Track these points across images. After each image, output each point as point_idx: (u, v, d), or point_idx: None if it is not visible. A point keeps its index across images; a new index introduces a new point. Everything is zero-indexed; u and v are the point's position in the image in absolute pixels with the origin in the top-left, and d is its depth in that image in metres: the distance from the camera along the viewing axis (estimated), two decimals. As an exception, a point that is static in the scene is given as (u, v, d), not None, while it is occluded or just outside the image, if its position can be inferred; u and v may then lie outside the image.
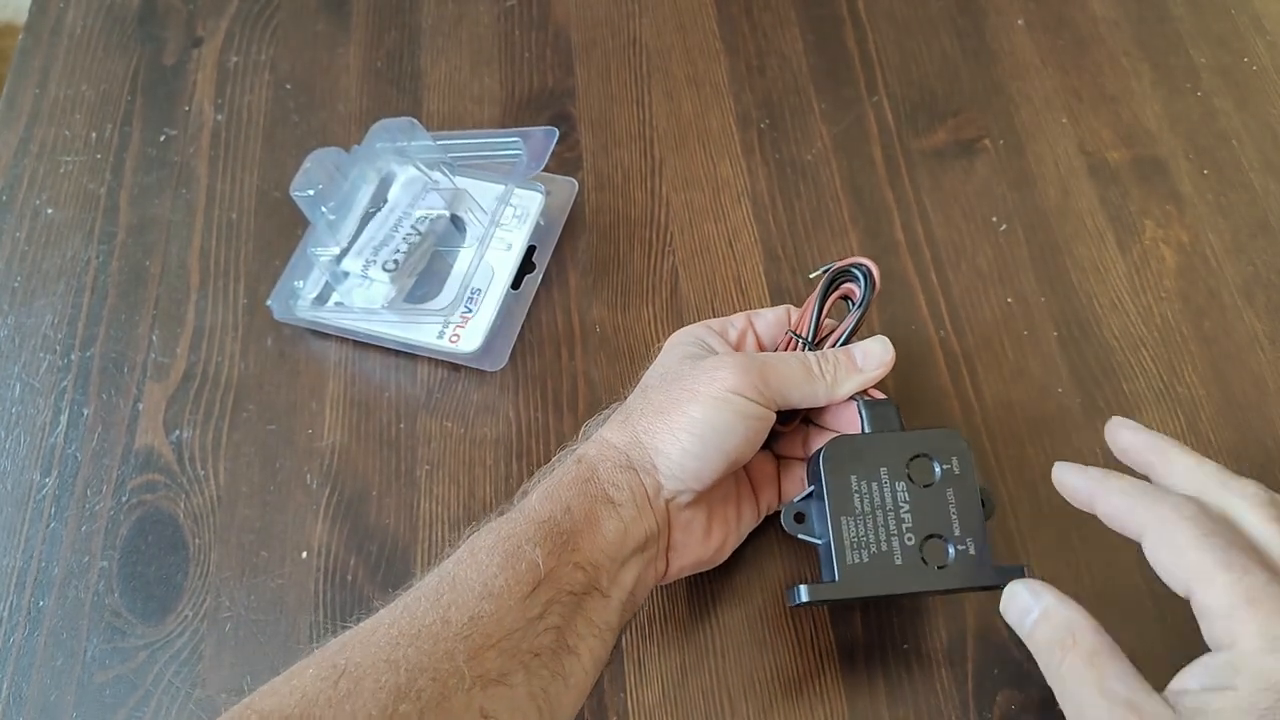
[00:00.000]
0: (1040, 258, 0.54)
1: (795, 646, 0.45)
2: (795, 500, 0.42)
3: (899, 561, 0.39)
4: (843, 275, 0.45)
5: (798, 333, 0.45)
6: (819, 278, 0.45)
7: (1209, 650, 0.33)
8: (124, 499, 0.49)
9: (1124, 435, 0.39)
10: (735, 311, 0.53)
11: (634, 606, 0.40)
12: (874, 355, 0.43)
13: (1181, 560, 0.33)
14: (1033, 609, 0.36)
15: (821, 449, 0.41)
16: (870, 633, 0.45)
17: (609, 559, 0.38)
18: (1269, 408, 0.50)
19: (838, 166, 0.58)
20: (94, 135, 0.61)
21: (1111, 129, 0.59)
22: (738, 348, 0.45)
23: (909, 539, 0.40)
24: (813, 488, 0.42)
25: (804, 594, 0.40)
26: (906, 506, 0.40)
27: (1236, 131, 0.58)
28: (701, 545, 0.42)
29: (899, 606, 0.46)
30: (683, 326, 0.52)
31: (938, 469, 0.41)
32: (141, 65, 0.64)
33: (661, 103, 0.61)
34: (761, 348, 0.46)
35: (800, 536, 0.41)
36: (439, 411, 0.51)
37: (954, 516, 0.40)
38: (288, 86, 0.62)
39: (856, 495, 0.40)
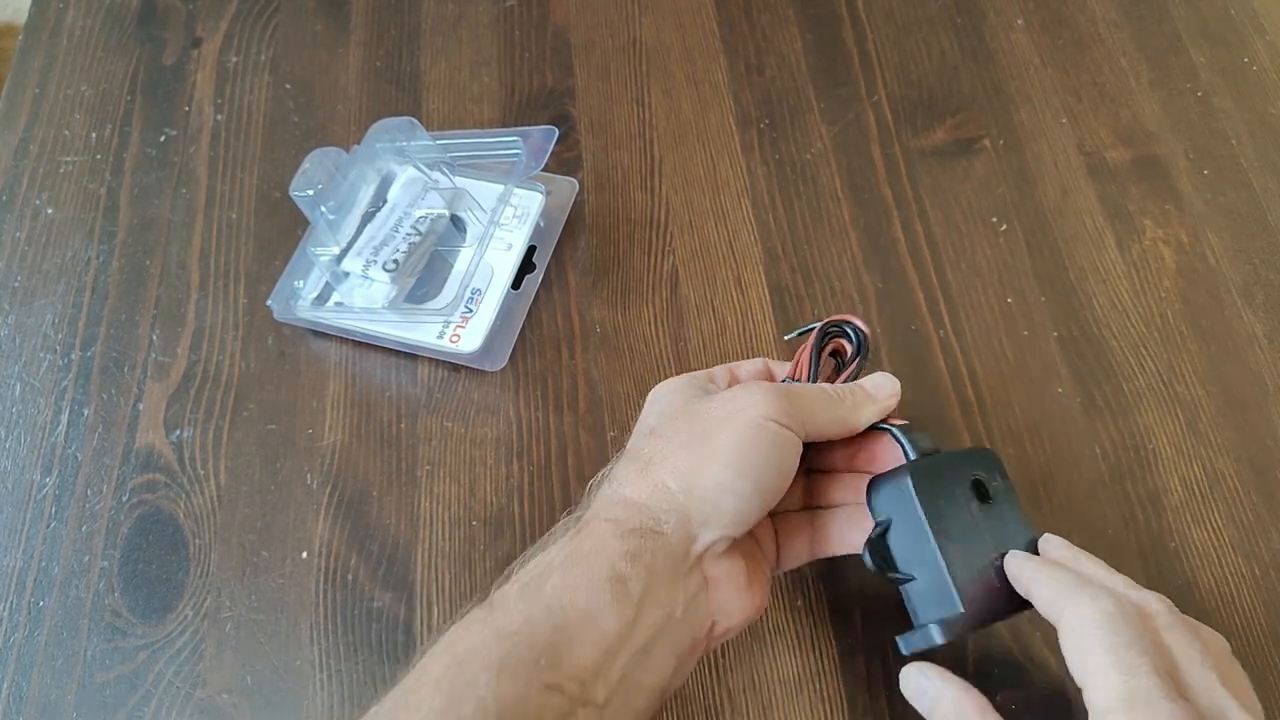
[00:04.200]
0: (1040, 257, 0.54)
1: (795, 645, 0.45)
2: (872, 537, 0.39)
3: (997, 583, 0.38)
4: (835, 330, 0.44)
5: (795, 379, 0.43)
6: (796, 340, 0.45)
7: None
8: (124, 499, 0.49)
9: (1052, 553, 0.39)
10: (734, 310, 0.53)
11: (662, 699, 0.35)
12: (884, 386, 0.42)
13: (1083, 654, 0.33)
14: (927, 691, 0.37)
15: (899, 475, 0.39)
16: (870, 632, 0.45)
17: (607, 659, 0.33)
18: (1268, 406, 0.50)
19: (837, 166, 0.58)
20: (94, 135, 0.61)
21: (1111, 128, 0.59)
22: None
23: (994, 559, 0.38)
24: (885, 520, 0.39)
25: (937, 635, 0.37)
26: (983, 526, 0.39)
27: (1236, 131, 0.58)
28: (746, 596, 0.38)
29: (899, 605, 0.46)
30: (682, 327, 0.52)
31: (990, 486, 0.40)
32: (141, 65, 0.64)
33: (661, 102, 0.61)
34: None
35: (889, 577, 0.38)
36: (439, 411, 0.51)
37: (1013, 531, 0.39)
38: (287, 86, 0.62)
39: (948, 519, 0.38)
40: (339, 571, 0.47)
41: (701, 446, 0.37)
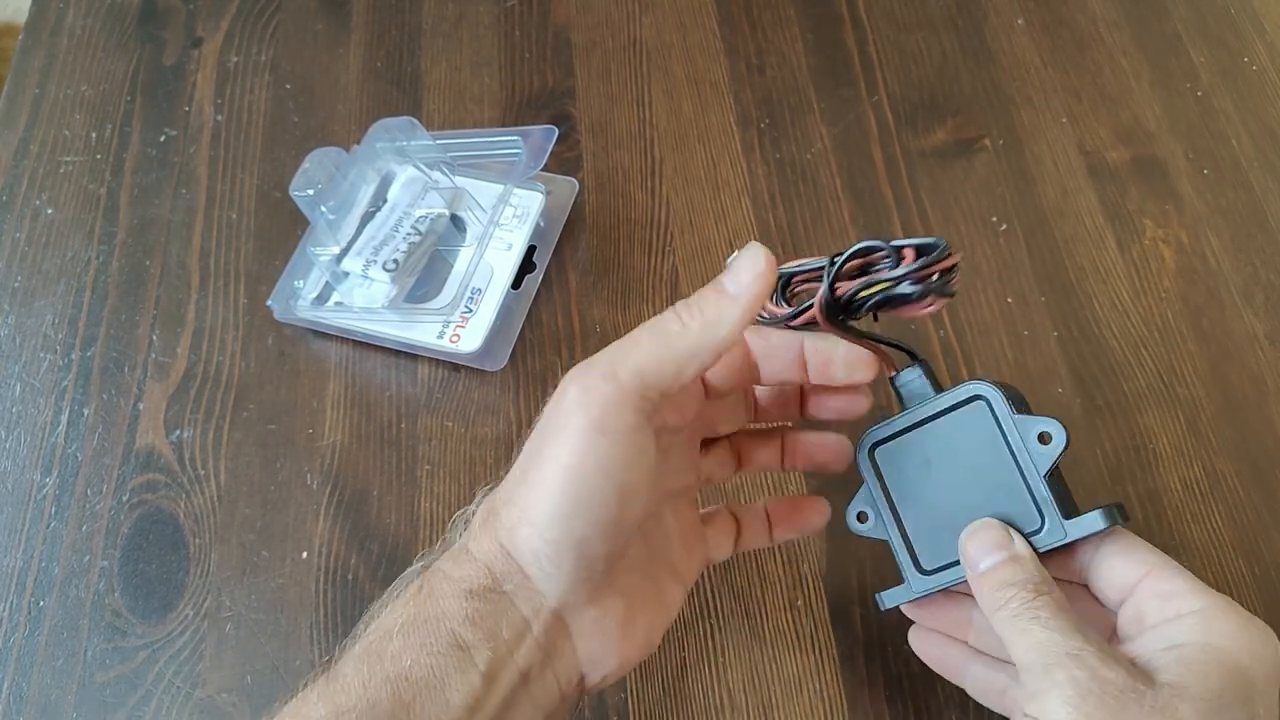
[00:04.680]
0: (1040, 257, 0.54)
1: (795, 644, 0.45)
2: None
3: None
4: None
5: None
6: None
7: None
8: (124, 498, 0.49)
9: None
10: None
11: None
12: (744, 269, 0.31)
13: (1148, 553, 0.35)
14: (1000, 550, 0.34)
15: (996, 390, 0.36)
16: (870, 631, 0.45)
17: None
18: (1268, 407, 0.50)
19: (837, 166, 0.58)
20: (94, 135, 0.61)
21: (1111, 129, 0.59)
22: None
23: None
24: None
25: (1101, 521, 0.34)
26: None
27: (1236, 131, 0.58)
28: (622, 644, 0.33)
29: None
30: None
31: None
32: (141, 65, 0.64)
33: (661, 102, 0.61)
34: (706, 391, 0.36)
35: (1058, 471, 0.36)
36: (439, 411, 0.51)
37: None
38: (288, 86, 0.62)
39: None
40: (339, 571, 0.47)
41: (523, 487, 0.31)
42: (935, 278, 0.35)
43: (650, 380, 0.31)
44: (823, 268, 0.36)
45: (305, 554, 0.48)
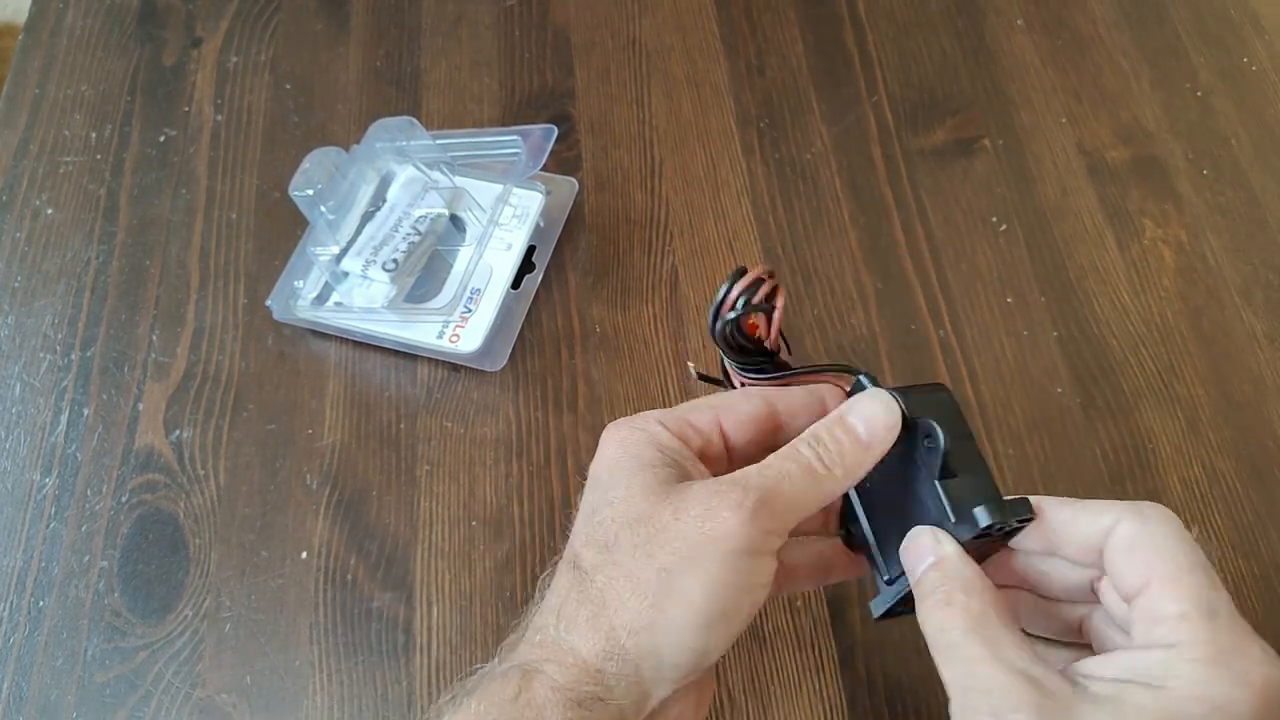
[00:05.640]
0: (1040, 257, 0.54)
1: (795, 645, 0.45)
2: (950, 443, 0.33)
3: None
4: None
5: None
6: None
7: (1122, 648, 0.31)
8: (124, 499, 0.49)
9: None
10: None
11: None
12: (878, 420, 0.34)
13: (1156, 557, 0.30)
14: (929, 556, 0.32)
15: (937, 391, 0.35)
16: (869, 632, 0.45)
17: None
18: (1267, 406, 0.50)
19: (837, 166, 0.58)
20: (94, 135, 0.61)
21: (1110, 129, 0.59)
22: (704, 458, 0.36)
23: None
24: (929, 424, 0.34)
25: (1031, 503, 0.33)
26: None
27: (1235, 131, 0.58)
28: (695, 716, 0.35)
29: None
30: (681, 327, 0.51)
31: None
32: (141, 65, 0.64)
33: (661, 103, 0.61)
34: (730, 456, 0.37)
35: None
36: (439, 411, 0.51)
37: None
38: (287, 86, 0.62)
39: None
40: (338, 571, 0.47)
41: (664, 594, 0.31)
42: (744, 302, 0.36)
43: (794, 516, 0.33)
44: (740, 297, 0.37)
45: (305, 554, 0.48)
